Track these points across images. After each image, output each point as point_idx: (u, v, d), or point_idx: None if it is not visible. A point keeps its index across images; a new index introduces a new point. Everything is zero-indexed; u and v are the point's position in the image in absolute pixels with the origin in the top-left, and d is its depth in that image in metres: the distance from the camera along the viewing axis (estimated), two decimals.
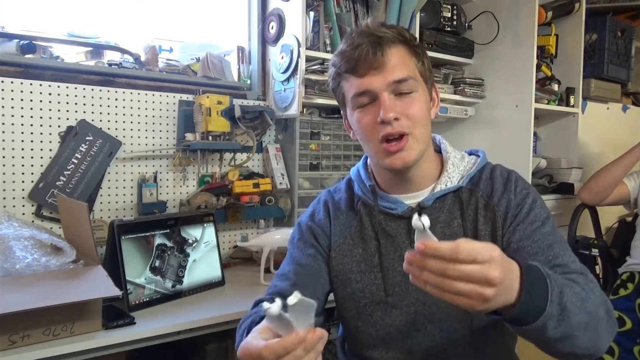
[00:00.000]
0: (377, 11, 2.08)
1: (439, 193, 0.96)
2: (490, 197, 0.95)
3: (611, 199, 2.08)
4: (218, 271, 1.61)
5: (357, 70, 0.89)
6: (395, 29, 0.92)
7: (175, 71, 1.86)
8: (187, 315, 1.32)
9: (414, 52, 0.92)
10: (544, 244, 0.88)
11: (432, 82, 0.97)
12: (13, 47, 1.53)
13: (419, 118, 0.90)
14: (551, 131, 2.64)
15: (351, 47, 0.89)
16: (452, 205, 0.96)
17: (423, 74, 0.93)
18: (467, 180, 0.97)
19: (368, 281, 0.97)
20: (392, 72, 0.88)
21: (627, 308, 1.90)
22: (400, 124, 0.89)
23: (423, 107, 0.92)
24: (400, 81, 0.89)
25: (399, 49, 0.90)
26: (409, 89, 0.90)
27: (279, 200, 1.90)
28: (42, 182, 1.55)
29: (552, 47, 2.44)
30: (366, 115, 0.92)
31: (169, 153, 1.80)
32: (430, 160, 0.99)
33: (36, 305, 1.05)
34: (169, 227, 1.51)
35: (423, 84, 0.93)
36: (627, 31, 2.78)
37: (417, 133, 0.91)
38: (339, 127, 2.05)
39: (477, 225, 0.94)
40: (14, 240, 1.26)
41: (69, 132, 1.59)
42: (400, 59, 0.89)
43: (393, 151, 0.90)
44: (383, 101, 0.88)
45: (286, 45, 1.85)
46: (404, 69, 0.89)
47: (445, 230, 0.95)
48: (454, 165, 0.99)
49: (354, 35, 0.90)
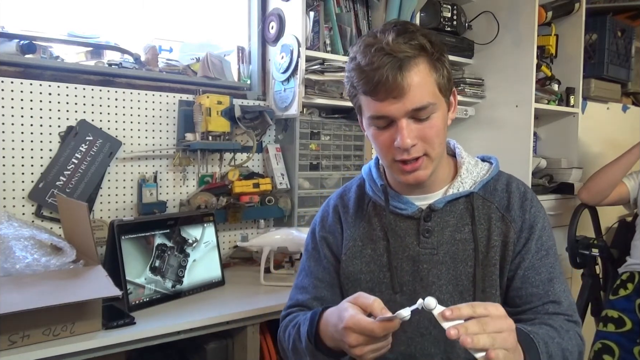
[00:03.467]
0: (377, 11, 2.08)
1: (451, 197, 0.96)
2: (507, 210, 0.96)
3: (611, 199, 2.07)
4: (218, 271, 1.61)
5: (375, 95, 0.86)
6: (417, 41, 0.86)
7: (175, 71, 1.86)
8: (187, 315, 1.32)
9: (434, 65, 0.88)
10: (545, 278, 0.93)
11: (452, 87, 0.95)
12: (13, 47, 1.53)
13: (436, 139, 0.89)
14: (551, 131, 2.64)
15: (370, 68, 0.84)
16: (463, 211, 0.97)
17: (443, 87, 0.90)
18: (480, 186, 0.98)
19: (377, 280, 0.98)
20: (412, 99, 0.85)
21: (627, 308, 1.89)
22: (417, 149, 0.88)
23: (440, 127, 0.90)
24: (420, 109, 0.86)
25: (420, 67, 0.85)
26: (428, 114, 0.87)
27: (279, 200, 1.90)
28: (42, 182, 1.55)
29: (552, 47, 2.44)
30: (382, 135, 0.90)
31: (169, 153, 1.80)
32: (443, 164, 0.98)
33: (36, 305, 1.05)
34: (169, 227, 1.51)
35: (442, 98, 0.91)
36: (627, 31, 2.78)
37: (433, 153, 0.90)
38: (339, 127, 2.05)
39: (491, 234, 0.95)
40: (14, 240, 1.26)
41: (69, 132, 1.59)
42: (421, 81, 0.85)
43: (408, 170, 0.90)
44: (401, 128, 0.86)
45: (286, 45, 1.85)
46: (424, 95, 0.86)
47: (455, 234, 0.96)
48: (468, 170, 0.99)
49: (373, 51, 0.85)
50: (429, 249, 0.95)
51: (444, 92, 0.91)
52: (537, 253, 0.94)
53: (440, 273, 0.95)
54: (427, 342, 0.95)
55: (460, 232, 0.96)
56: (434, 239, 0.96)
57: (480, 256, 0.94)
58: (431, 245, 0.96)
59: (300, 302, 1.03)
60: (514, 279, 0.94)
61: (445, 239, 0.95)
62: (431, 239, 0.96)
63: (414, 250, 0.96)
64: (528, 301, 0.92)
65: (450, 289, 0.95)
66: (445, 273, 0.95)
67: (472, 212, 0.96)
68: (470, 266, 0.94)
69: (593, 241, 2.16)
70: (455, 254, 0.95)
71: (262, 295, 1.52)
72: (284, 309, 1.07)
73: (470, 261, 0.94)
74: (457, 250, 0.95)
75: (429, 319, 0.93)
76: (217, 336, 1.41)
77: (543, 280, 0.93)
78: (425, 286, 0.95)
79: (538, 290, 0.92)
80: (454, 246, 0.95)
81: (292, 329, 0.96)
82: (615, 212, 2.39)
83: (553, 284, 0.93)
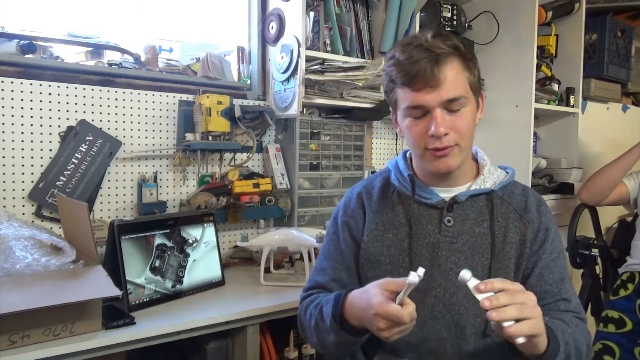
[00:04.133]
0: (377, 11, 2.08)
1: (474, 192, 1.04)
2: (524, 212, 1.05)
3: (611, 199, 2.07)
4: (218, 271, 1.61)
5: (413, 85, 0.93)
6: (451, 41, 0.95)
7: (175, 71, 1.86)
8: (187, 315, 1.32)
9: (466, 65, 0.97)
10: (558, 277, 1.02)
11: (480, 88, 1.03)
12: (13, 47, 1.53)
13: (466, 131, 0.97)
14: (551, 131, 2.64)
15: (409, 61, 0.93)
16: (483, 207, 1.04)
17: (473, 86, 0.98)
18: (500, 187, 1.06)
19: (396, 264, 1.03)
20: (446, 90, 0.93)
21: (627, 309, 1.89)
22: (448, 138, 0.95)
23: (470, 120, 0.98)
24: (453, 100, 0.94)
25: (454, 64, 0.94)
26: (460, 106, 0.95)
27: (279, 200, 1.90)
28: (42, 182, 1.55)
29: (552, 47, 2.44)
30: (417, 126, 0.97)
31: (169, 153, 1.80)
32: (467, 163, 1.06)
33: (36, 305, 1.05)
34: (169, 227, 1.51)
35: (472, 96, 0.99)
36: (627, 31, 2.78)
37: (463, 144, 0.98)
38: (339, 127, 2.05)
39: (508, 232, 1.02)
40: (14, 240, 1.26)
41: (69, 132, 1.59)
42: (455, 76, 0.94)
43: (439, 156, 0.97)
44: (435, 117, 0.94)
45: (286, 45, 1.85)
46: (457, 88, 0.94)
47: (475, 227, 1.02)
48: (490, 172, 1.07)
49: (412, 47, 0.93)
50: (449, 237, 1.01)
51: (474, 91, 0.99)
52: (550, 254, 1.03)
53: (458, 261, 1.00)
54: (439, 326, 0.99)
55: (479, 226, 1.02)
56: (454, 229, 1.02)
57: (496, 250, 1.00)
58: (451, 234, 1.02)
59: (319, 284, 1.09)
60: (530, 277, 1.01)
61: (465, 230, 1.02)
62: (452, 229, 1.02)
63: (435, 237, 1.02)
64: (542, 298, 0.97)
65: None
66: (463, 262, 1.00)
67: (491, 209, 1.03)
68: (487, 259, 1.00)
69: (593, 241, 2.16)
70: (474, 246, 1.01)
71: (262, 295, 1.52)
72: (303, 290, 1.13)
73: (487, 254, 1.00)
74: (475, 242, 1.01)
75: (444, 303, 0.99)
76: (217, 336, 1.41)
77: (556, 280, 1.01)
78: (442, 272, 1.00)
79: (551, 288, 1.00)
80: (473, 238, 1.01)
81: (314, 308, 1.02)
82: (615, 212, 2.39)
83: (564, 283, 1.02)
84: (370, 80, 1.94)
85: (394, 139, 2.45)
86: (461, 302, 0.99)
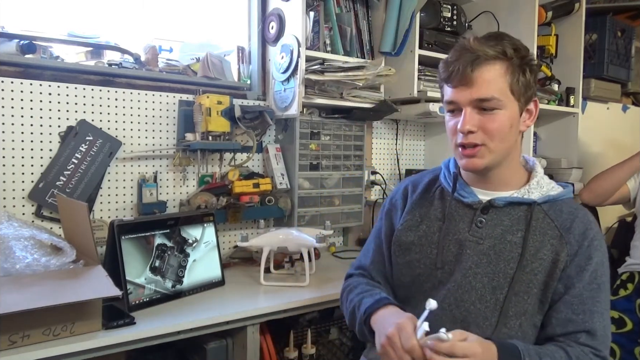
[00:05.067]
0: (377, 11, 2.08)
1: (513, 199, 1.03)
2: (567, 231, 1.01)
3: (612, 199, 2.08)
4: (218, 271, 1.61)
5: (450, 82, 1.00)
6: (501, 46, 0.97)
7: (175, 71, 1.86)
8: (187, 315, 1.32)
9: (512, 69, 0.97)
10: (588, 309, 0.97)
11: (531, 96, 1.02)
12: (13, 47, 1.53)
13: (496, 133, 0.98)
14: (551, 131, 2.64)
15: (452, 60, 0.99)
16: (521, 217, 1.02)
17: (516, 91, 0.98)
18: (545, 200, 1.03)
19: (424, 254, 1.07)
20: (478, 90, 0.96)
21: (627, 309, 1.89)
22: (475, 137, 0.98)
23: (504, 124, 0.98)
24: (483, 100, 0.96)
25: (494, 66, 0.96)
26: (492, 107, 0.97)
27: (279, 200, 1.90)
28: (42, 182, 1.55)
29: (552, 47, 2.44)
30: (451, 120, 1.03)
31: (169, 153, 1.80)
32: (512, 171, 1.07)
33: (36, 305, 1.05)
34: (169, 227, 1.51)
35: (514, 100, 0.99)
36: (627, 31, 2.78)
37: (492, 145, 0.99)
38: (339, 127, 2.05)
39: (542, 248, 1.00)
40: (14, 240, 1.26)
41: (69, 132, 1.59)
42: (492, 77, 0.96)
43: (466, 155, 1.01)
44: (464, 114, 0.98)
45: (286, 45, 1.85)
46: (490, 89, 0.96)
47: (506, 235, 1.01)
48: (538, 183, 1.06)
49: (459, 48, 1.00)
50: (477, 237, 1.02)
51: (517, 96, 0.99)
52: (589, 285, 0.98)
53: (480, 262, 1.01)
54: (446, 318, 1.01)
55: (512, 235, 1.01)
56: (483, 231, 1.02)
57: (524, 262, 0.98)
58: (479, 235, 1.02)
59: (362, 265, 1.21)
60: (559, 301, 0.98)
61: (495, 234, 1.02)
62: (481, 230, 1.02)
63: (463, 235, 1.04)
64: (564, 325, 0.97)
65: (485, 281, 1.00)
66: (486, 264, 1.00)
67: (529, 220, 1.01)
68: (512, 268, 0.99)
69: None
70: (501, 252, 1.00)
71: (262, 295, 1.52)
72: (351, 268, 1.24)
73: (513, 263, 0.99)
74: (504, 249, 1.00)
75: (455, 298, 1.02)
76: (217, 336, 1.41)
77: (585, 311, 0.96)
78: (462, 270, 1.02)
79: (577, 317, 0.96)
80: (502, 244, 1.01)
81: (356, 296, 1.11)
82: (615, 212, 2.39)
83: (593, 316, 0.96)
84: (370, 80, 1.94)
85: (394, 139, 2.45)
86: (473, 302, 1.00)
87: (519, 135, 1.04)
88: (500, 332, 0.98)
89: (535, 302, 0.98)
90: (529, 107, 1.03)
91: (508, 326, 0.98)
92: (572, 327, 0.96)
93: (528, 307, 0.98)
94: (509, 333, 0.98)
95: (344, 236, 2.32)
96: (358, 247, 2.27)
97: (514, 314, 0.98)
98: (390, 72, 1.95)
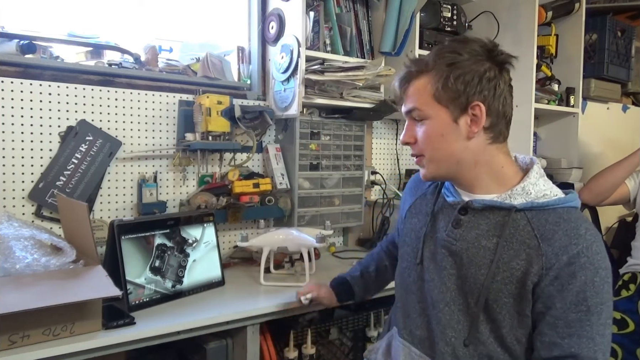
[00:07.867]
0: (377, 11, 2.08)
1: (488, 202, 0.97)
2: (546, 242, 0.91)
3: (612, 199, 2.07)
4: (218, 271, 1.61)
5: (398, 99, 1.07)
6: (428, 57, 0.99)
7: (175, 71, 1.86)
8: (187, 315, 1.32)
9: (435, 78, 0.97)
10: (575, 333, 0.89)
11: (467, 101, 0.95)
12: (13, 47, 1.53)
13: (426, 142, 1.00)
14: (551, 131, 2.64)
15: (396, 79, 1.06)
16: (499, 223, 0.96)
17: (444, 99, 0.96)
18: (528, 206, 0.95)
19: (411, 247, 1.11)
20: (405, 103, 1.03)
21: (629, 309, 1.88)
22: (414, 148, 1.04)
23: (432, 132, 0.99)
24: (408, 112, 1.02)
25: (420, 81, 0.99)
26: (420, 117, 1.00)
27: (279, 200, 1.90)
28: (42, 182, 1.55)
29: (552, 47, 2.44)
30: None
31: (169, 153, 1.80)
32: (491, 176, 1.00)
33: (36, 305, 1.05)
34: (169, 227, 1.51)
35: (443, 108, 0.97)
36: (627, 31, 2.78)
37: (428, 155, 1.01)
38: (339, 127, 2.05)
39: (516, 257, 0.93)
40: (14, 240, 1.26)
41: (69, 132, 1.59)
42: (416, 91, 1.00)
43: (416, 164, 1.06)
44: (405, 127, 1.05)
45: (286, 45, 1.85)
46: (413, 101, 1.00)
47: (481, 239, 0.97)
48: (524, 189, 0.97)
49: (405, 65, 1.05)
50: (451, 237, 1.01)
51: (445, 103, 0.97)
52: (575, 306, 0.89)
53: (453, 263, 1.00)
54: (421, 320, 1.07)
55: (487, 240, 0.96)
56: (458, 233, 1.00)
57: (494, 269, 0.93)
58: (454, 236, 1.00)
59: (388, 239, 1.40)
60: (543, 322, 0.92)
61: (469, 237, 0.98)
62: (457, 231, 1.00)
63: (440, 234, 1.04)
64: (549, 349, 0.91)
65: (458, 283, 0.99)
66: (458, 266, 0.99)
67: (504, 227, 0.94)
68: (482, 274, 0.94)
69: None
70: (473, 256, 0.96)
71: (262, 295, 1.52)
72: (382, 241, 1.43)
73: (484, 269, 0.95)
74: (476, 254, 0.96)
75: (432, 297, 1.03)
76: (216, 336, 1.41)
77: (571, 334, 0.89)
78: (438, 269, 1.02)
79: (562, 342, 0.90)
80: (475, 249, 0.97)
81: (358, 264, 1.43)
82: (615, 212, 2.39)
83: (581, 340, 0.89)
84: (370, 80, 1.94)
85: (394, 139, 2.45)
86: (447, 303, 0.99)
87: (469, 141, 0.96)
88: (473, 337, 0.96)
89: (509, 312, 0.94)
90: (474, 112, 0.95)
91: (480, 331, 0.96)
92: (557, 352, 0.90)
93: (498, 316, 0.94)
94: (480, 338, 0.96)
95: (344, 236, 2.32)
96: (358, 247, 2.27)
97: (485, 320, 0.95)
98: (390, 72, 1.95)
